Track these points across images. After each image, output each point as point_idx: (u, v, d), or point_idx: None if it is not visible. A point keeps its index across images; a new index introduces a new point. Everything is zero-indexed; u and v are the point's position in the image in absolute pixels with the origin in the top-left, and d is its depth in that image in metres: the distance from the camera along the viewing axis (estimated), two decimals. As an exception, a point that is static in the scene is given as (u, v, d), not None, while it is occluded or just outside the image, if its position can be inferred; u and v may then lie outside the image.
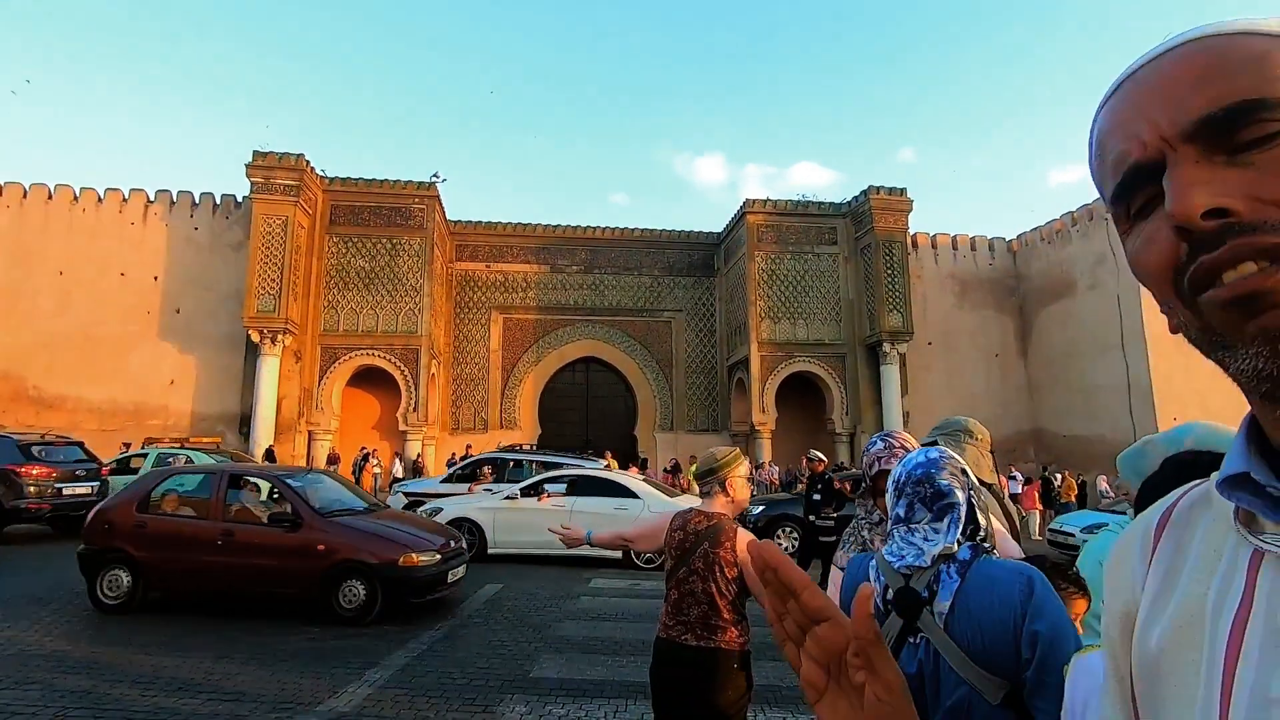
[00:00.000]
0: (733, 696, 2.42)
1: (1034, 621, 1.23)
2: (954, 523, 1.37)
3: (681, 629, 2.45)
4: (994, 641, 1.25)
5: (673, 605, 2.50)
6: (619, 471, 11.22)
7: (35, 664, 4.99)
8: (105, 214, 25.22)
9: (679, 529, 2.56)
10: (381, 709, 4.35)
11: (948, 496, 1.39)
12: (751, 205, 26.89)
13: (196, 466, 10.93)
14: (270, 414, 22.40)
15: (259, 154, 23.08)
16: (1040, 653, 1.21)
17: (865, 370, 26.13)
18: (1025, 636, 1.23)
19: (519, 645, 5.89)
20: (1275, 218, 0.39)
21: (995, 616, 1.26)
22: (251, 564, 6.66)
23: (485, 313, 28.59)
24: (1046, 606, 1.26)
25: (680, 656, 2.44)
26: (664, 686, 2.48)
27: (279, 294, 22.46)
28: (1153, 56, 0.44)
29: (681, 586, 2.48)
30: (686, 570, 2.48)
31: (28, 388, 23.76)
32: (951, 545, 1.35)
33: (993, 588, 1.29)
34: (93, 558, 6.81)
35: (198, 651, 5.43)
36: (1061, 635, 1.23)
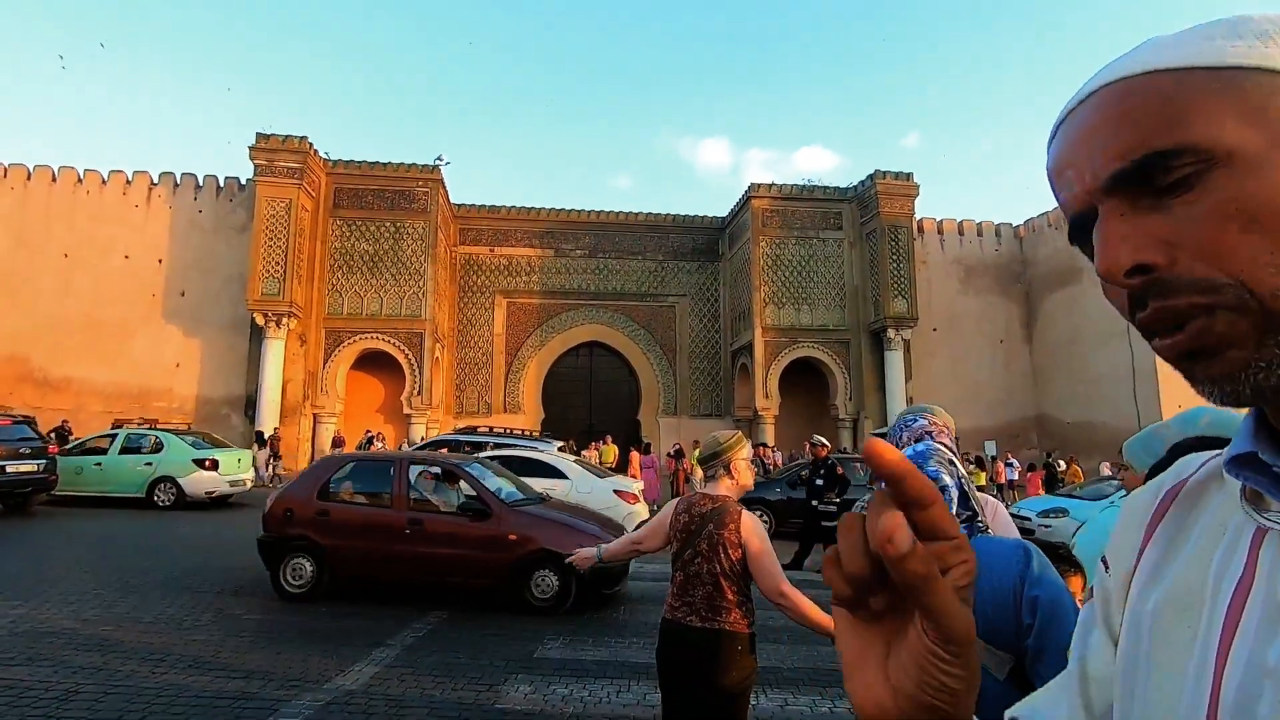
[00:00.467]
0: (737, 678, 2.45)
1: (1033, 588, 1.26)
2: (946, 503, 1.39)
3: (686, 610, 2.48)
4: (995, 612, 1.27)
5: (678, 587, 2.53)
6: (554, 453, 11.32)
7: (46, 641, 5.06)
8: (109, 196, 25.19)
9: (684, 512, 2.59)
10: (388, 687, 4.41)
11: (938, 481, 1.43)
12: (756, 189, 26.73)
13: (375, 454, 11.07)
14: (275, 397, 22.49)
15: (262, 136, 22.98)
16: (1040, 618, 1.23)
17: (869, 356, 26.09)
18: (1025, 603, 1.25)
19: (522, 626, 5.95)
20: (1196, 271, 0.38)
21: (995, 586, 1.28)
22: (441, 554, 6.54)
23: (489, 296, 28.58)
24: (1045, 575, 1.28)
25: (685, 638, 2.47)
26: (670, 668, 2.52)
27: (283, 277, 22.46)
28: (1078, 101, 0.43)
29: (687, 569, 2.51)
30: (692, 552, 2.51)
31: (33, 370, 23.89)
32: None
33: (990, 560, 1.31)
34: (275, 546, 6.73)
35: (204, 630, 5.50)
36: (1060, 601, 1.25)
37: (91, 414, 22.81)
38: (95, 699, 4.04)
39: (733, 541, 2.48)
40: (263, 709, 4.00)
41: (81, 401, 23.28)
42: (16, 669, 4.49)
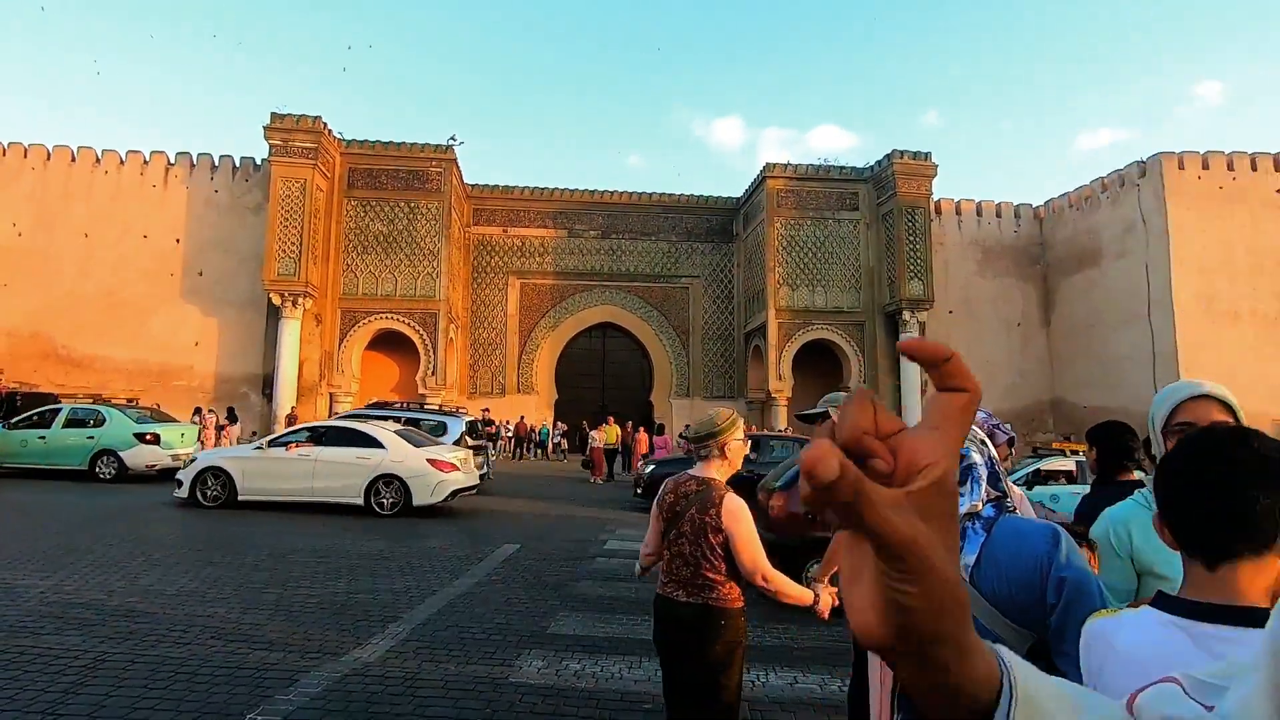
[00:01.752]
0: (722, 651, 2.51)
1: (1060, 570, 1.27)
2: (975, 482, 1.40)
3: (674, 586, 2.57)
4: (1021, 591, 1.29)
5: (666, 565, 2.61)
6: (373, 423, 11.81)
7: (75, 611, 5.21)
8: (127, 176, 25.40)
9: (670, 492, 2.63)
10: (404, 660, 4.50)
11: (966, 458, 1.42)
12: (771, 170, 26.44)
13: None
14: (292, 376, 22.76)
15: (277, 116, 23.02)
16: (1066, 598, 1.25)
17: (884, 338, 25.91)
18: (1052, 583, 1.27)
19: (536, 603, 6.04)
20: None
21: (1022, 566, 1.30)
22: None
23: (502, 277, 28.62)
24: (1073, 556, 1.30)
25: (675, 613, 2.56)
26: (663, 641, 2.63)
27: (299, 257, 22.62)
28: None
29: (672, 548, 2.57)
30: (676, 533, 2.56)
31: (57, 347, 24.30)
32: (976, 504, 1.39)
33: (1019, 540, 1.33)
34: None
35: (225, 603, 5.63)
36: (1087, 582, 1.27)
37: (114, 392, 23.16)
38: (122, 668, 4.16)
39: (714, 526, 2.50)
40: (282, 679, 4.10)
41: (104, 380, 23.68)
42: (47, 638, 4.63)
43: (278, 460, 10.79)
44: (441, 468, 10.72)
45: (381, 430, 11.24)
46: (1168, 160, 24.50)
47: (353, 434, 11.16)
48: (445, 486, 10.63)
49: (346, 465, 10.65)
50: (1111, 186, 26.23)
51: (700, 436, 2.65)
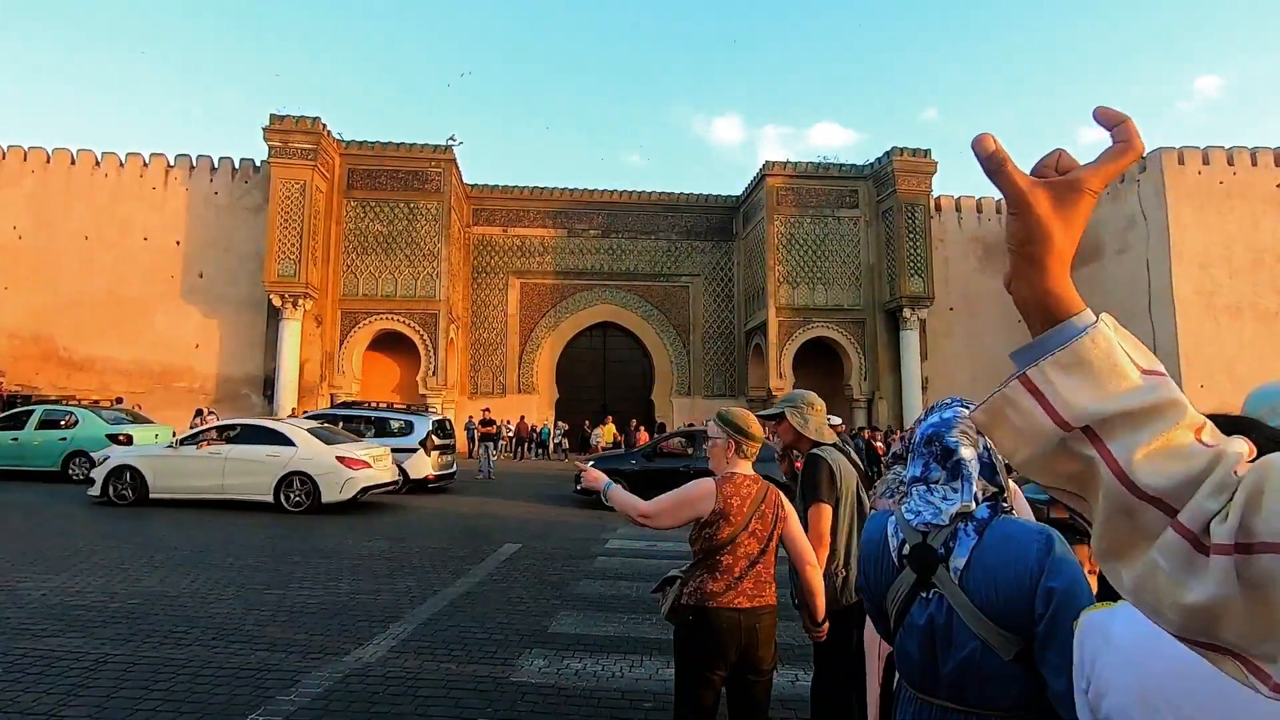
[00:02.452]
0: (775, 651, 2.56)
1: (1050, 579, 1.25)
2: (966, 480, 1.38)
3: (734, 593, 2.47)
4: (1009, 598, 1.27)
5: (721, 570, 2.48)
6: (285, 420, 12.16)
7: (76, 614, 5.22)
8: (127, 178, 25.41)
9: (731, 496, 2.51)
10: (405, 660, 4.51)
11: (955, 453, 1.41)
12: (771, 168, 26.42)
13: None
14: (293, 377, 22.77)
15: (276, 117, 23.02)
16: (1054, 608, 1.23)
17: (884, 335, 25.90)
18: (1040, 593, 1.25)
19: (537, 602, 6.04)
20: None
21: (1012, 572, 1.28)
22: None
23: (503, 277, 28.62)
24: (1064, 565, 1.27)
25: (745, 622, 2.46)
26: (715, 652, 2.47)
27: (298, 258, 22.63)
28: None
29: (735, 551, 2.48)
30: (745, 534, 2.48)
31: (58, 349, 24.32)
32: (969, 503, 1.37)
33: (1010, 545, 1.31)
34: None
35: (227, 604, 5.63)
36: (1076, 592, 1.24)
37: (115, 393, 23.22)
38: (124, 669, 4.17)
39: (780, 516, 2.54)
40: (283, 680, 4.10)
41: (105, 381, 23.70)
42: (49, 640, 4.64)
43: (189, 458, 10.87)
44: (351, 465, 10.77)
45: (293, 428, 11.39)
46: (1168, 156, 24.48)
47: (264, 431, 11.28)
48: (354, 484, 10.68)
49: (256, 463, 10.71)
50: (1112, 182, 26.23)
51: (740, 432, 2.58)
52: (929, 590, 1.35)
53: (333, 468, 10.64)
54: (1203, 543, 0.50)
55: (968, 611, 1.29)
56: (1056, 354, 0.57)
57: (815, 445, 3.10)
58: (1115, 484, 0.53)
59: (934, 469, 1.42)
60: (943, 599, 1.33)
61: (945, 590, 1.33)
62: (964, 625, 1.30)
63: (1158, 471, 0.53)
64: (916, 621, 1.35)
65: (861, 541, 1.56)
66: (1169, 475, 0.52)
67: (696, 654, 2.49)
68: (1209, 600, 0.49)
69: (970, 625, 1.29)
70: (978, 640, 1.28)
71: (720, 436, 2.61)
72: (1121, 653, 0.92)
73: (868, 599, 1.52)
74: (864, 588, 1.52)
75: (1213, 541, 0.49)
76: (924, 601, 1.36)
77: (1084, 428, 0.56)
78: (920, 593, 1.36)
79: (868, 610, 1.54)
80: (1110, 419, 0.55)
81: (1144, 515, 0.53)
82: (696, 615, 2.48)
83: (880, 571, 1.45)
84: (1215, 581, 0.49)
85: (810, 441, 3.11)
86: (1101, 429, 0.55)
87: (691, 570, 2.56)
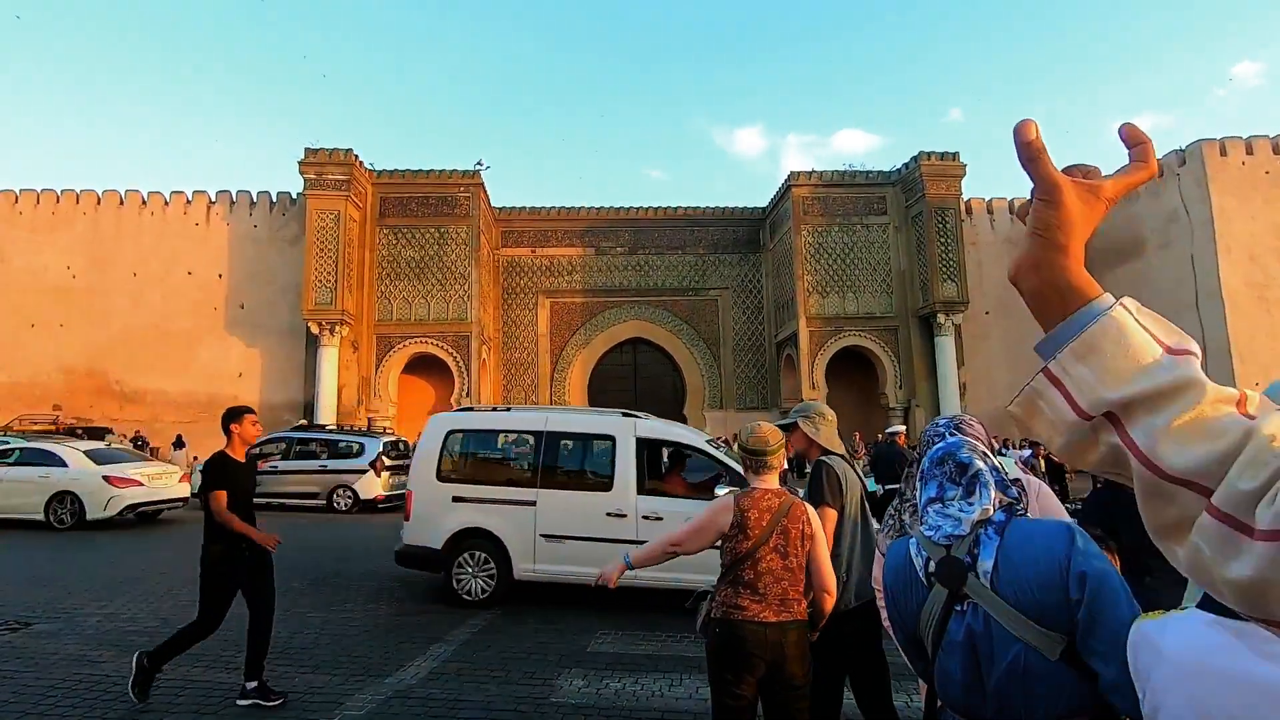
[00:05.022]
0: (808, 666, 2.54)
1: (1079, 564, 1.26)
2: (983, 488, 1.40)
3: (761, 606, 2.49)
4: (1042, 591, 1.26)
5: (745, 584, 2.50)
6: (70, 442, 12.73)
7: (130, 640, 5.37)
8: (171, 216, 26.47)
9: (750, 509, 2.55)
10: (445, 682, 4.54)
11: (970, 467, 1.43)
12: (796, 178, 26.34)
13: None
14: (332, 402, 23.29)
15: (310, 151, 23.77)
16: (1089, 591, 1.23)
17: (919, 342, 25.46)
18: (1073, 578, 1.25)
19: (575, 622, 6.03)
20: None
21: (1041, 566, 1.28)
22: None
23: (532, 297, 28.94)
24: (1089, 550, 1.28)
25: (762, 635, 2.47)
26: (744, 665, 2.49)
27: (335, 286, 23.22)
28: None
29: (757, 565, 2.50)
30: (766, 548, 2.51)
31: (111, 383, 25.28)
32: (987, 508, 1.38)
33: (1034, 540, 1.32)
34: None
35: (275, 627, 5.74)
36: (1108, 576, 1.24)
37: (165, 424, 24.03)
38: (175, 693, 4.28)
39: (807, 534, 2.56)
40: (329, 702, 4.16)
41: (156, 412, 24.54)
42: (104, 665, 4.78)
43: None
44: (117, 483, 11.26)
45: (68, 449, 11.94)
46: (1208, 147, 23.74)
47: (41, 453, 11.88)
48: (119, 502, 11.15)
49: (28, 483, 11.24)
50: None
51: (760, 451, 2.65)
52: (963, 603, 1.33)
53: (98, 486, 11.15)
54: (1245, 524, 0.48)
55: (1005, 614, 1.27)
56: (1072, 343, 0.58)
57: (825, 453, 3.22)
58: (1142, 469, 0.53)
59: (949, 488, 1.44)
60: (978, 608, 1.31)
61: (979, 598, 1.31)
62: (1004, 631, 1.28)
63: (1182, 452, 0.52)
64: (955, 638, 1.33)
65: (884, 570, 1.55)
66: (1195, 456, 0.51)
67: (723, 667, 2.52)
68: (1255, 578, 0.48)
69: (1011, 629, 1.27)
70: (1020, 643, 1.26)
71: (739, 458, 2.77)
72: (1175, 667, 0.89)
73: (900, 633, 1.49)
74: (894, 620, 1.50)
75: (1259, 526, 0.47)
76: (959, 615, 1.34)
77: (1106, 414, 0.56)
78: (955, 607, 1.34)
79: (900, 645, 1.52)
80: (1128, 403, 0.55)
81: (1180, 497, 0.52)
82: (723, 628, 2.51)
83: (910, 596, 1.43)
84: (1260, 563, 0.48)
85: (821, 449, 3.24)
86: (1123, 414, 0.55)
87: (719, 584, 2.61)
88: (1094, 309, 0.60)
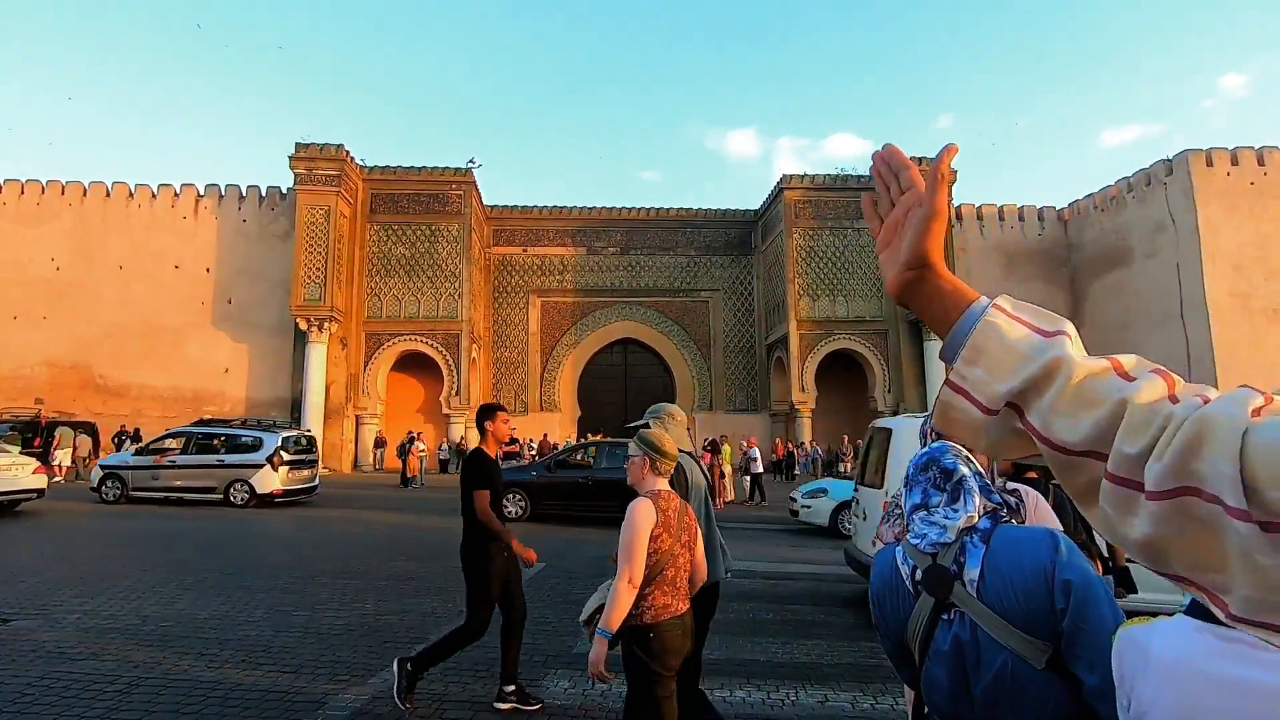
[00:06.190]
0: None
1: (1064, 572, 1.26)
2: (967, 494, 1.40)
3: (680, 601, 2.69)
4: (1028, 600, 1.26)
5: (668, 583, 2.65)
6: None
7: (110, 636, 5.30)
8: (159, 209, 26.19)
9: (665, 510, 2.67)
10: (432, 683, 4.50)
11: (955, 474, 1.43)
12: (789, 181, 26.43)
13: None
14: (319, 399, 23.12)
15: (301, 145, 23.60)
16: (1074, 600, 1.23)
17: (908, 347, 25.61)
18: (1058, 586, 1.25)
19: (561, 622, 6.01)
20: None
21: (1026, 573, 1.28)
22: None
23: (523, 296, 28.87)
24: (1074, 558, 1.28)
25: (686, 625, 2.70)
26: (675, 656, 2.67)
27: (324, 282, 23.07)
28: None
29: (677, 562, 2.68)
30: (680, 545, 2.69)
31: (95, 376, 24.98)
32: (972, 516, 1.38)
33: (1019, 547, 1.32)
34: None
35: (256, 625, 5.69)
36: (1092, 582, 1.24)
37: (150, 418, 23.77)
38: (155, 692, 4.22)
39: (694, 530, 2.79)
40: (311, 703, 4.12)
41: (140, 406, 24.28)
42: (83, 663, 4.71)
43: None
44: None
45: None
46: (1195, 157, 24.03)
47: None
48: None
49: None
50: (1138, 186, 25.77)
51: (663, 454, 2.77)
52: (949, 611, 1.33)
53: None
54: (1138, 483, 0.52)
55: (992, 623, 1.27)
56: (962, 351, 0.62)
57: None
58: (1046, 449, 0.57)
59: (933, 494, 1.44)
60: (965, 616, 1.31)
61: (965, 606, 1.31)
62: (991, 639, 1.28)
63: (1071, 427, 0.55)
64: (941, 646, 1.33)
65: (872, 577, 1.55)
66: (1083, 427, 0.55)
67: (663, 667, 2.63)
68: (1151, 535, 0.51)
69: (997, 637, 1.27)
70: (1007, 652, 1.26)
71: (638, 455, 2.77)
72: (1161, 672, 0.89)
73: (887, 642, 1.49)
74: (881, 630, 1.50)
75: (1147, 486, 0.51)
76: (946, 624, 1.33)
77: (1009, 404, 0.60)
78: (941, 615, 1.34)
79: (888, 653, 1.52)
80: (1021, 391, 0.59)
81: (1084, 467, 0.56)
82: (656, 630, 2.61)
83: (897, 604, 1.43)
84: (1154, 521, 0.51)
85: None
86: (1020, 402, 0.59)
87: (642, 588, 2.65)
88: (973, 313, 0.63)
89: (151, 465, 13.95)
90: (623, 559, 2.59)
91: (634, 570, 2.55)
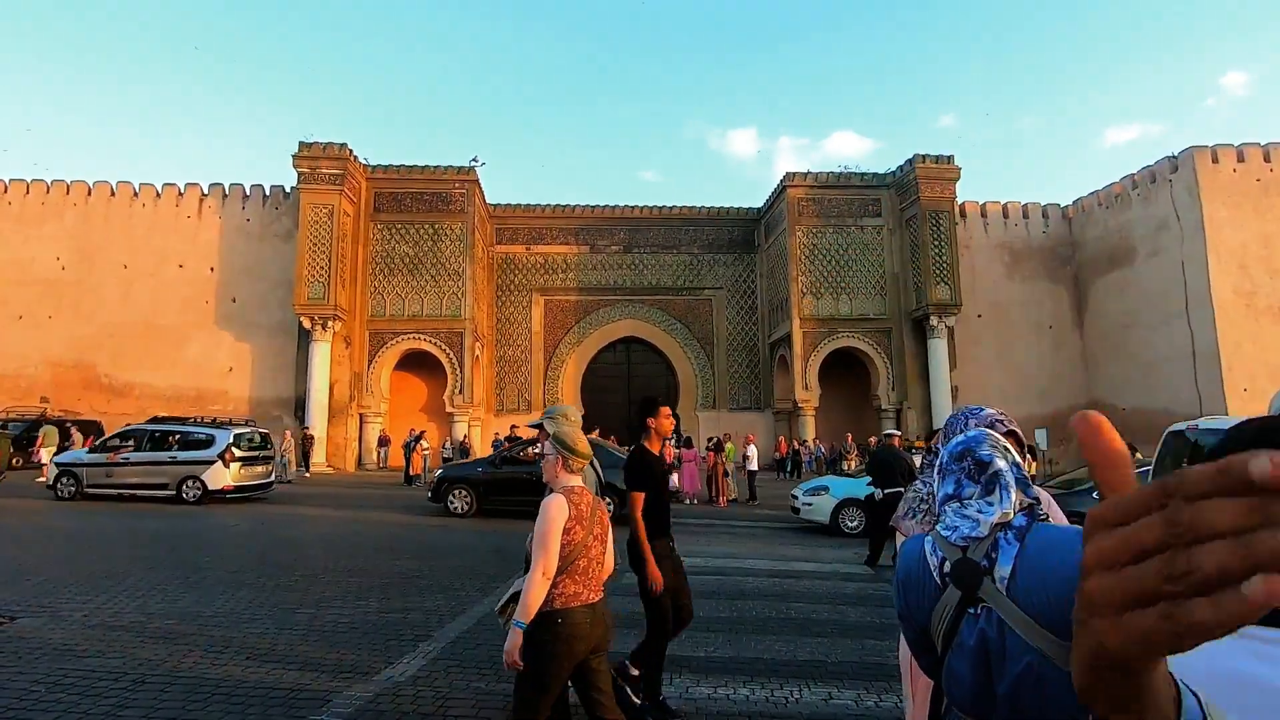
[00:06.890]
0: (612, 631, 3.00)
1: None
2: (1004, 489, 1.36)
3: (590, 591, 2.81)
4: (1060, 602, 1.23)
5: (581, 574, 2.79)
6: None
7: (115, 634, 5.32)
8: (163, 209, 26.26)
9: (579, 504, 2.82)
10: (435, 679, 4.51)
11: (990, 466, 1.39)
12: (792, 179, 26.40)
13: None
14: (323, 398, 23.17)
15: (304, 144, 23.64)
16: None
17: (912, 345, 25.57)
18: None
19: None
20: None
21: (1061, 576, 1.24)
22: None
23: (526, 295, 28.89)
24: None
25: (600, 613, 2.85)
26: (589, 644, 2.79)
27: (327, 281, 23.11)
28: None
29: (589, 554, 2.82)
30: (592, 538, 2.83)
31: (99, 375, 25.06)
32: (1008, 511, 1.34)
33: (1055, 549, 1.28)
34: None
35: (261, 623, 5.70)
36: None
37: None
38: (161, 689, 4.24)
39: (606, 524, 2.95)
40: (315, 700, 4.13)
41: (143, 405, 24.34)
42: (90, 660, 4.73)
43: None
44: None
45: None
46: (1200, 154, 23.93)
47: None
48: None
49: None
50: (1142, 183, 25.67)
51: (576, 453, 2.89)
52: (976, 606, 1.31)
53: None
54: None
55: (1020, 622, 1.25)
56: None
57: None
58: None
59: (966, 485, 1.40)
60: (992, 613, 1.29)
61: (994, 603, 1.29)
62: (1017, 638, 1.25)
63: None
64: (967, 641, 1.31)
65: (898, 567, 1.53)
66: None
67: (562, 655, 2.73)
68: None
69: (1024, 636, 1.25)
70: (1034, 651, 1.24)
71: (552, 454, 2.89)
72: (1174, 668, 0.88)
73: (909, 629, 1.47)
74: (904, 616, 1.47)
75: None
76: (972, 619, 1.31)
77: None
78: (967, 609, 1.32)
79: (909, 641, 1.50)
80: None
81: None
82: (564, 617, 2.72)
83: (922, 595, 1.41)
84: None
85: None
86: None
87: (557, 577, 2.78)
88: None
89: (105, 463, 13.97)
90: (537, 551, 2.71)
91: (548, 562, 2.69)
